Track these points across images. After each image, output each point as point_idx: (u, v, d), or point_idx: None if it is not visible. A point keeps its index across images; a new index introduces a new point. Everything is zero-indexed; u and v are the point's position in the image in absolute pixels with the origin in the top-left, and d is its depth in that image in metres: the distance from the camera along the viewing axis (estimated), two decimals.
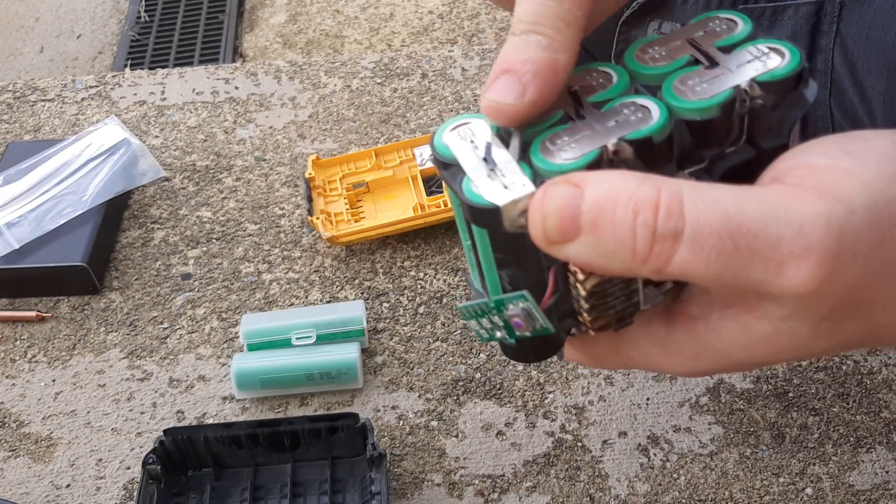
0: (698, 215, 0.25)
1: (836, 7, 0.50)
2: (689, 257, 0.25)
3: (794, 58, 0.29)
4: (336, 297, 0.66)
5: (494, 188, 0.28)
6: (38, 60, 1.18)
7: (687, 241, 0.25)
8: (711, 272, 0.25)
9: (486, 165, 0.29)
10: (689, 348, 0.30)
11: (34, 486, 0.57)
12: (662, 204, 0.25)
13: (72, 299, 0.67)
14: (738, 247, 0.25)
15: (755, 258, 0.25)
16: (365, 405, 0.59)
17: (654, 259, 0.25)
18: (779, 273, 0.25)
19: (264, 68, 0.85)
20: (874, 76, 0.49)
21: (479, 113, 0.30)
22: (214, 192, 0.74)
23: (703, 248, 0.25)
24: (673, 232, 0.25)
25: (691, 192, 0.25)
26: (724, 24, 0.31)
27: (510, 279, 0.31)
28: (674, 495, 0.54)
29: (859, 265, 0.25)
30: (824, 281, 0.25)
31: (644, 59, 0.31)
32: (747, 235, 0.25)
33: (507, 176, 0.28)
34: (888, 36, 0.48)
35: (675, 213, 0.25)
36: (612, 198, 0.25)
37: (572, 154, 0.28)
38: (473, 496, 0.55)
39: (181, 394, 0.61)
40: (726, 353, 0.29)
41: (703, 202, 0.25)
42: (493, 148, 0.29)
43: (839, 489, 0.54)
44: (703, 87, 0.29)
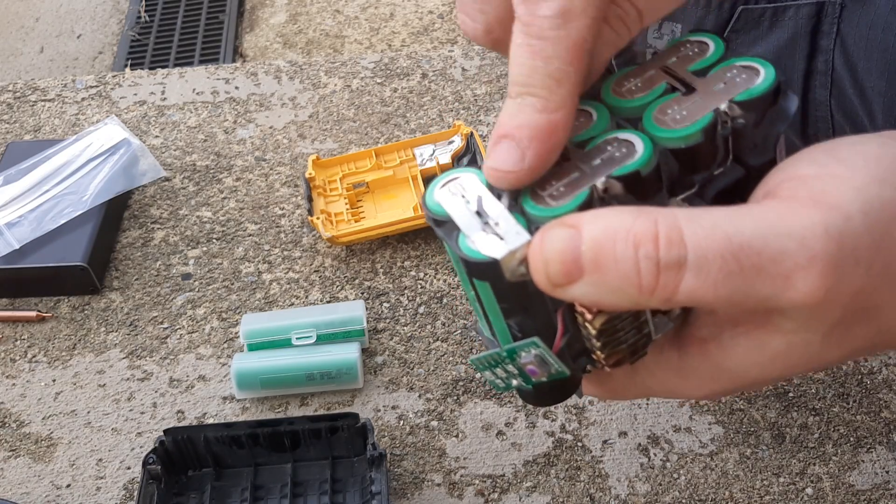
0: (699, 241, 0.25)
1: (836, 8, 0.50)
2: (695, 284, 0.25)
3: (769, 73, 0.29)
4: (336, 297, 0.66)
5: (490, 241, 0.28)
6: (39, 60, 1.18)
7: (692, 267, 0.25)
8: (720, 295, 0.25)
9: (480, 219, 0.29)
10: (705, 371, 0.30)
11: (34, 486, 0.57)
12: (662, 234, 0.25)
13: (72, 299, 0.67)
14: (744, 266, 0.25)
15: (761, 275, 0.25)
16: (365, 405, 0.59)
17: (661, 290, 0.25)
18: (786, 287, 0.25)
19: (264, 68, 0.85)
20: (875, 77, 0.49)
21: (467, 167, 0.31)
22: (214, 192, 0.74)
23: (709, 272, 0.25)
24: (676, 261, 0.25)
25: (688, 220, 0.25)
26: (696, 48, 0.32)
27: (519, 327, 0.31)
28: (674, 495, 0.54)
29: (862, 269, 0.26)
30: (831, 288, 0.25)
31: (621, 92, 0.31)
32: (751, 254, 0.25)
33: (501, 226, 0.28)
34: (889, 37, 0.48)
35: (676, 241, 0.25)
36: (610, 234, 0.26)
37: (563, 198, 0.28)
38: (473, 496, 0.55)
39: (181, 394, 0.61)
40: (742, 373, 0.29)
41: (702, 228, 0.25)
42: (484, 201, 0.29)
43: (839, 489, 0.54)
44: (683, 114, 0.29)
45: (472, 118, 0.79)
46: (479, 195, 0.29)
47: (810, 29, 0.51)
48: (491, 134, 0.30)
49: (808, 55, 0.52)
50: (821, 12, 0.51)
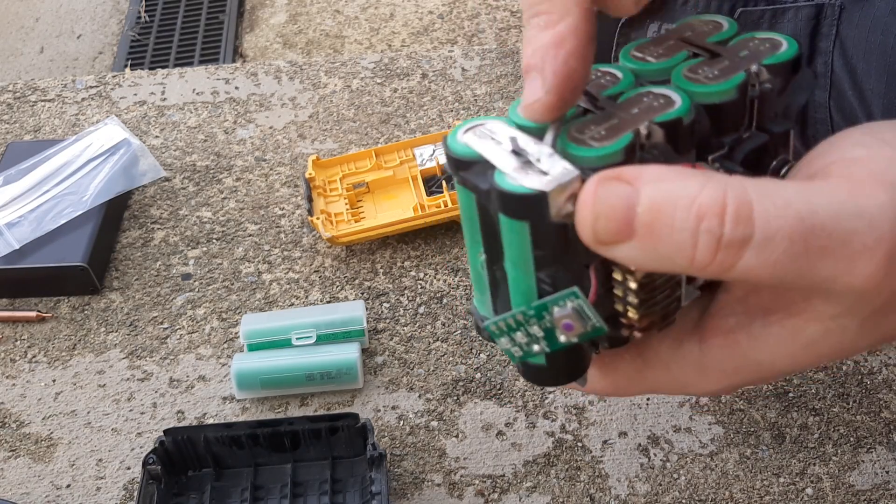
0: (769, 220, 0.24)
1: (835, 10, 0.50)
2: (755, 263, 0.24)
3: (792, 44, 0.29)
4: (336, 298, 0.66)
5: (534, 176, 0.26)
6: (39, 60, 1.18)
7: (755, 246, 0.24)
8: (778, 275, 0.24)
9: (518, 158, 0.27)
10: (729, 364, 0.29)
11: (34, 486, 0.57)
12: (730, 209, 0.24)
13: (72, 299, 0.67)
14: (810, 248, 0.24)
15: (826, 256, 0.24)
16: (365, 405, 0.59)
17: (715, 266, 0.24)
18: (849, 270, 0.24)
19: (264, 68, 0.85)
20: (874, 79, 0.49)
21: (493, 115, 0.30)
22: (214, 192, 0.74)
23: (773, 253, 0.24)
24: (741, 239, 0.24)
25: (761, 195, 0.24)
26: (710, 25, 0.32)
27: (551, 280, 0.28)
28: (674, 495, 0.54)
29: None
30: (889, 271, 0.25)
31: (642, 58, 0.31)
32: (821, 235, 0.24)
33: (544, 163, 0.26)
34: (888, 39, 0.48)
35: (745, 218, 0.24)
36: (672, 200, 0.24)
37: (605, 140, 0.27)
38: (473, 496, 0.55)
39: (181, 394, 0.61)
40: (769, 364, 0.28)
41: (775, 206, 0.24)
42: (520, 140, 0.27)
43: (839, 489, 0.54)
44: (714, 73, 0.29)
45: (472, 118, 0.79)
46: (512, 136, 0.28)
47: (809, 31, 0.51)
48: None
49: (808, 57, 0.52)
50: (820, 14, 0.51)
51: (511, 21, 1.12)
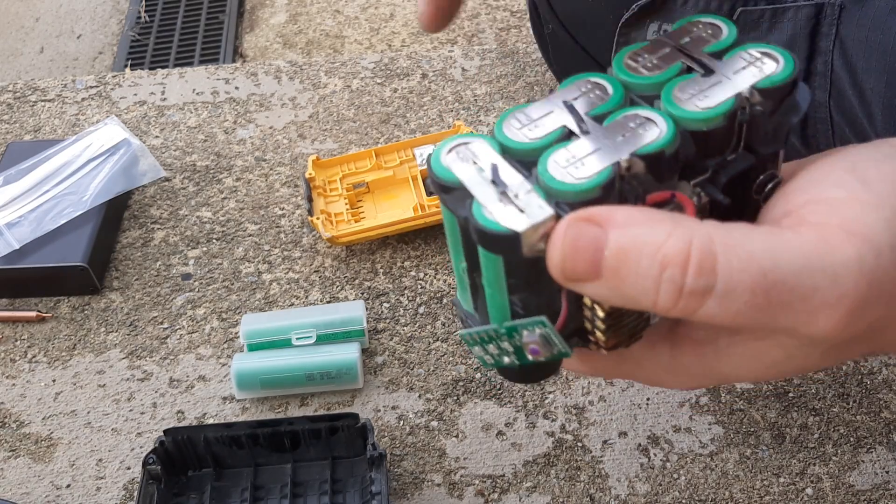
0: (732, 273, 0.24)
1: (835, 9, 0.50)
2: (716, 311, 0.25)
3: (789, 63, 0.29)
4: (336, 298, 0.66)
5: (509, 213, 0.27)
6: (39, 60, 1.18)
7: (717, 297, 0.25)
8: (738, 322, 0.25)
9: (496, 188, 0.27)
10: (696, 370, 0.30)
11: (34, 486, 0.57)
12: (693, 260, 0.24)
13: (72, 299, 0.67)
14: (771, 302, 0.25)
15: (786, 310, 0.25)
16: (365, 405, 0.59)
17: (677, 311, 0.25)
18: (808, 322, 0.25)
19: (264, 68, 0.85)
20: (874, 78, 0.49)
21: (475, 133, 0.30)
22: (214, 192, 0.74)
23: (734, 303, 0.25)
24: (703, 289, 0.24)
25: (725, 248, 0.25)
26: (709, 30, 0.31)
27: (522, 304, 0.29)
28: (674, 495, 0.54)
29: (883, 304, 0.26)
30: (850, 323, 0.25)
31: (635, 68, 0.30)
32: (782, 290, 0.25)
33: (521, 198, 0.27)
34: (888, 38, 0.48)
35: (707, 270, 0.24)
36: (637, 247, 0.25)
37: (584, 172, 0.27)
38: (473, 496, 0.55)
39: (181, 394, 0.61)
40: (734, 376, 0.29)
41: (739, 259, 0.24)
42: (501, 170, 0.28)
43: (839, 489, 0.54)
44: (704, 96, 0.29)
45: (472, 118, 0.79)
46: (493, 163, 0.28)
47: (809, 30, 0.51)
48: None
49: (807, 56, 0.52)
50: (820, 13, 0.51)
51: (511, 21, 1.12)
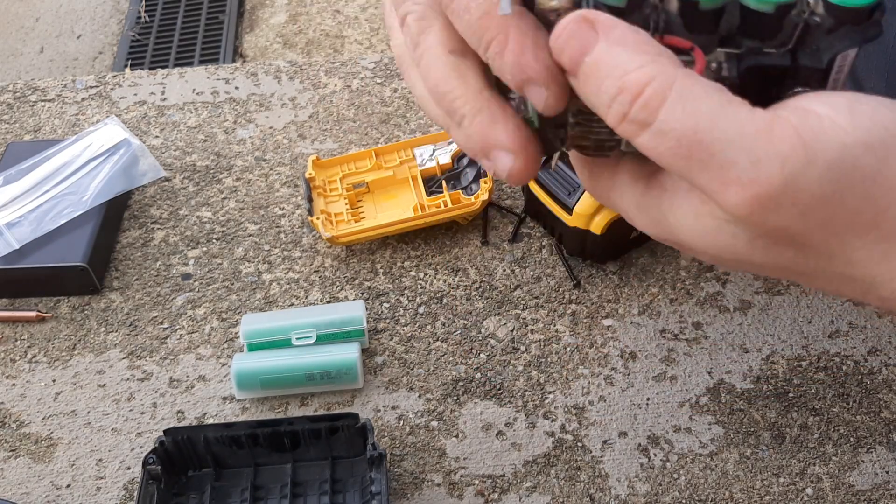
0: (670, 120, 0.27)
1: None
2: (649, 145, 0.28)
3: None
4: (336, 298, 0.66)
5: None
6: (39, 60, 1.18)
7: (651, 133, 0.27)
8: (664, 163, 0.28)
9: None
10: (654, 214, 0.33)
11: (34, 486, 0.57)
12: (644, 95, 0.27)
13: (72, 299, 0.67)
14: (692, 156, 0.27)
15: (703, 170, 0.27)
16: (365, 405, 0.59)
17: (621, 130, 0.28)
18: (719, 190, 0.27)
19: (264, 68, 0.85)
20: (874, 78, 0.49)
21: None
22: (214, 192, 0.74)
23: (662, 143, 0.27)
24: (642, 121, 0.27)
25: (678, 96, 0.27)
26: None
27: None
28: (674, 495, 0.54)
29: (796, 213, 0.27)
30: (756, 213, 0.27)
31: None
32: (704, 152, 0.27)
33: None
34: (887, 38, 0.48)
35: (652, 108, 0.27)
36: (609, 66, 0.28)
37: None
38: (473, 496, 0.55)
39: (181, 394, 0.61)
40: (677, 229, 0.32)
41: (682, 110, 0.27)
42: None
43: (839, 489, 0.54)
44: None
45: None
46: None
47: None
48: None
49: None
50: None
51: None
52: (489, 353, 0.62)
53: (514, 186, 0.33)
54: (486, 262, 0.67)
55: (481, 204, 0.68)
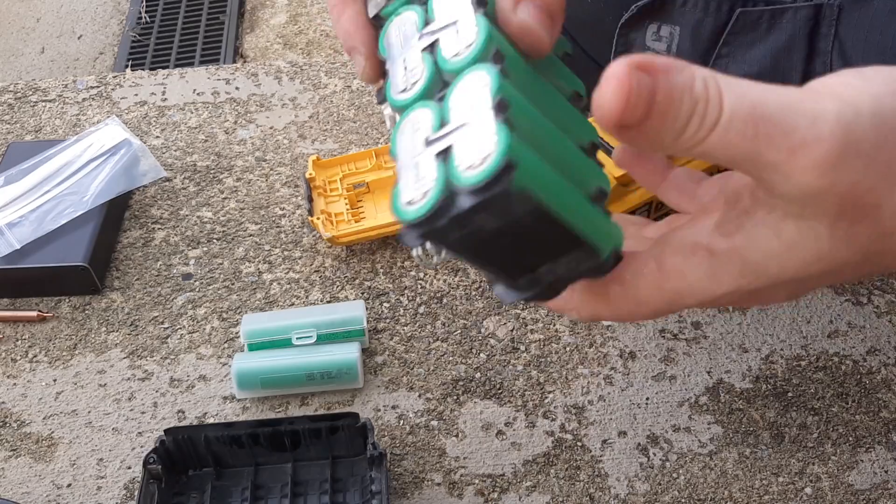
0: (733, 105, 0.27)
1: (834, 10, 0.50)
2: (719, 141, 0.28)
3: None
4: (336, 297, 0.66)
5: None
6: (39, 61, 1.19)
7: (721, 127, 0.27)
8: (733, 155, 0.28)
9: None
10: (734, 267, 0.32)
11: (35, 485, 0.57)
12: (712, 95, 0.28)
13: (73, 299, 0.67)
14: (758, 133, 0.27)
15: (771, 144, 0.27)
16: (365, 405, 0.60)
17: (688, 142, 0.28)
18: (790, 159, 0.27)
19: (265, 69, 0.86)
20: None
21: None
22: (215, 192, 0.74)
23: (731, 131, 0.27)
24: (714, 120, 0.28)
25: (726, 85, 0.28)
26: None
27: None
28: (673, 495, 0.54)
29: (862, 162, 0.27)
30: (828, 171, 0.27)
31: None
32: (768, 123, 0.27)
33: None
34: (886, 39, 0.48)
35: (717, 105, 0.28)
36: (679, 90, 0.28)
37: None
38: (473, 496, 0.55)
39: (182, 393, 0.61)
40: (764, 267, 0.31)
41: (736, 95, 0.28)
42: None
43: (838, 489, 0.54)
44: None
45: None
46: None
47: (808, 31, 0.51)
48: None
49: (806, 57, 0.52)
50: (819, 14, 0.51)
51: None
52: (489, 353, 0.62)
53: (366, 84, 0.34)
54: None
55: None
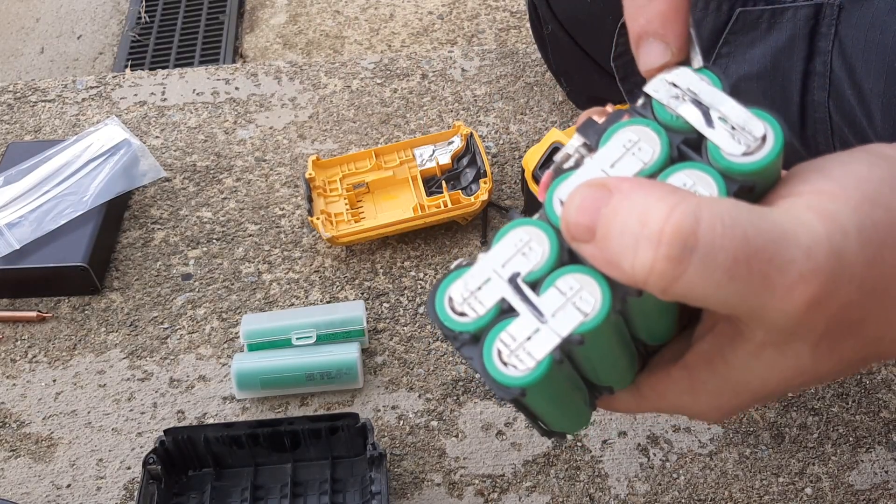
0: (715, 237, 0.24)
1: (834, 9, 0.50)
2: (697, 279, 0.24)
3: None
4: (336, 298, 0.66)
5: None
6: (39, 61, 1.18)
7: (698, 261, 0.24)
8: (716, 299, 0.25)
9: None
10: (713, 385, 0.30)
11: (35, 485, 0.57)
12: (673, 220, 0.24)
13: (72, 299, 0.67)
14: (752, 271, 0.24)
15: (764, 283, 0.25)
16: (365, 405, 0.59)
17: (655, 278, 0.25)
18: (784, 298, 0.25)
19: (264, 69, 0.86)
20: (873, 78, 0.49)
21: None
22: (215, 192, 0.74)
23: (715, 271, 0.24)
24: (680, 252, 0.24)
25: (711, 214, 0.25)
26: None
27: None
28: (673, 495, 0.54)
29: (854, 286, 0.26)
30: (822, 300, 0.25)
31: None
32: (762, 259, 0.24)
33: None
34: (886, 38, 0.48)
35: (687, 231, 0.24)
36: (629, 208, 0.25)
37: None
38: (473, 496, 0.55)
39: (182, 394, 0.61)
40: (745, 384, 0.30)
41: (722, 224, 0.24)
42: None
43: (838, 489, 0.54)
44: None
45: (471, 118, 0.79)
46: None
47: (808, 30, 0.51)
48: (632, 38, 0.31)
49: (807, 57, 0.52)
50: (819, 14, 0.51)
51: (511, 21, 1.12)
52: None
53: None
54: None
55: (481, 204, 0.68)
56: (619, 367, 0.31)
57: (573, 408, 0.32)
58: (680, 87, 0.28)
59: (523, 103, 0.80)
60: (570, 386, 0.30)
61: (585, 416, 0.34)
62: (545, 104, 0.80)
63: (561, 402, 0.30)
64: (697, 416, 0.32)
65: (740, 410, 0.31)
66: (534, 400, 0.28)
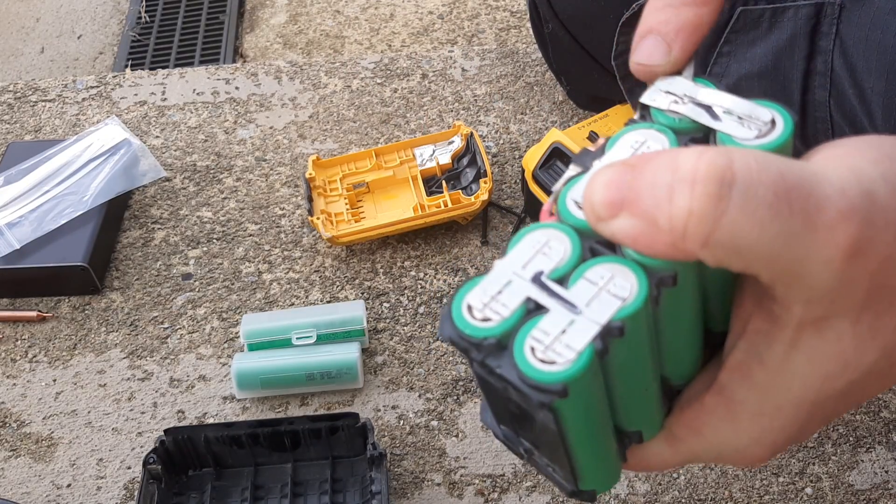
0: (751, 172, 0.23)
1: (835, 9, 0.50)
2: (739, 219, 0.22)
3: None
4: (336, 297, 0.66)
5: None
6: (39, 61, 1.18)
7: (738, 198, 0.22)
8: (763, 240, 0.23)
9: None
10: (752, 403, 0.28)
11: (35, 485, 0.57)
12: (704, 160, 0.23)
13: (72, 299, 0.67)
14: (793, 207, 0.23)
15: (806, 221, 0.23)
16: (365, 405, 0.59)
17: (694, 227, 0.23)
18: (828, 239, 0.23)
19: (265, 69, 0.86)
20: (874, 78, 0.49)
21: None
22: (215, 192, 0.74)
23: (758, 207, 0.22)
24: (718, 190, 0.22)
25: (742, 153, 0.23)
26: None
27: None
28: (673, 495, 0.54)
29: (891, 234, 0.24)
30: (863, 248, 0.24)
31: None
32: (801, 194, 0.23)
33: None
34: (888, 38, 0.48)
35: (722, 168, 0.23)
36: (654, 164, 0.24)
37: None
38: (473, 496, 0.55)
39: (182, 393, 0.61)
40: (785, 394, 0.28)
41: (756, 161, 0.23)
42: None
43: (839, 489, 0.54)
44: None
45: (471, 118, 0.79)
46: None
47: (809, 29, 0.51)
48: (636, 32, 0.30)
49: (808, 56, 0.52)
50: (820, 13, 0.51)
51: (511, 21, 1.12)
52: None
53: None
54: (487, 261, 0.67)
55: (481, 204, 0.68)
56: (649, 396, 0.29)
57: (606, 445, 0.29)
58: (676, 93, 0.28)
59: (523, 103, 0.80)
60: (604, 410, 0.28)
61: (617, 467, 0.31)
62: (545, 104, 0.80)
63: (596, 427, 0.28)
64: (741, 452, 0.30)
65: (784, 438, 0.29)
66: (572, 410, 0.26)
